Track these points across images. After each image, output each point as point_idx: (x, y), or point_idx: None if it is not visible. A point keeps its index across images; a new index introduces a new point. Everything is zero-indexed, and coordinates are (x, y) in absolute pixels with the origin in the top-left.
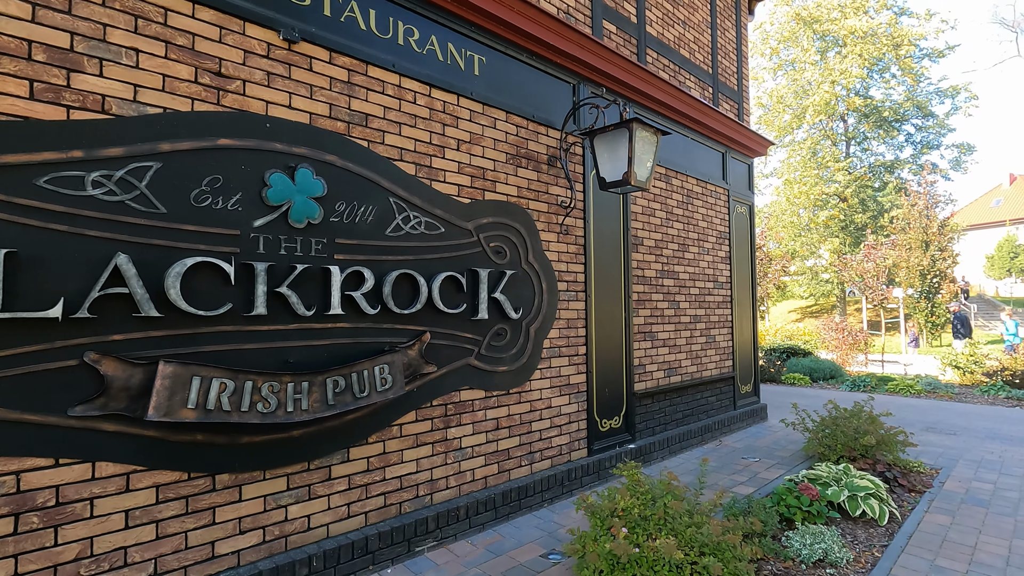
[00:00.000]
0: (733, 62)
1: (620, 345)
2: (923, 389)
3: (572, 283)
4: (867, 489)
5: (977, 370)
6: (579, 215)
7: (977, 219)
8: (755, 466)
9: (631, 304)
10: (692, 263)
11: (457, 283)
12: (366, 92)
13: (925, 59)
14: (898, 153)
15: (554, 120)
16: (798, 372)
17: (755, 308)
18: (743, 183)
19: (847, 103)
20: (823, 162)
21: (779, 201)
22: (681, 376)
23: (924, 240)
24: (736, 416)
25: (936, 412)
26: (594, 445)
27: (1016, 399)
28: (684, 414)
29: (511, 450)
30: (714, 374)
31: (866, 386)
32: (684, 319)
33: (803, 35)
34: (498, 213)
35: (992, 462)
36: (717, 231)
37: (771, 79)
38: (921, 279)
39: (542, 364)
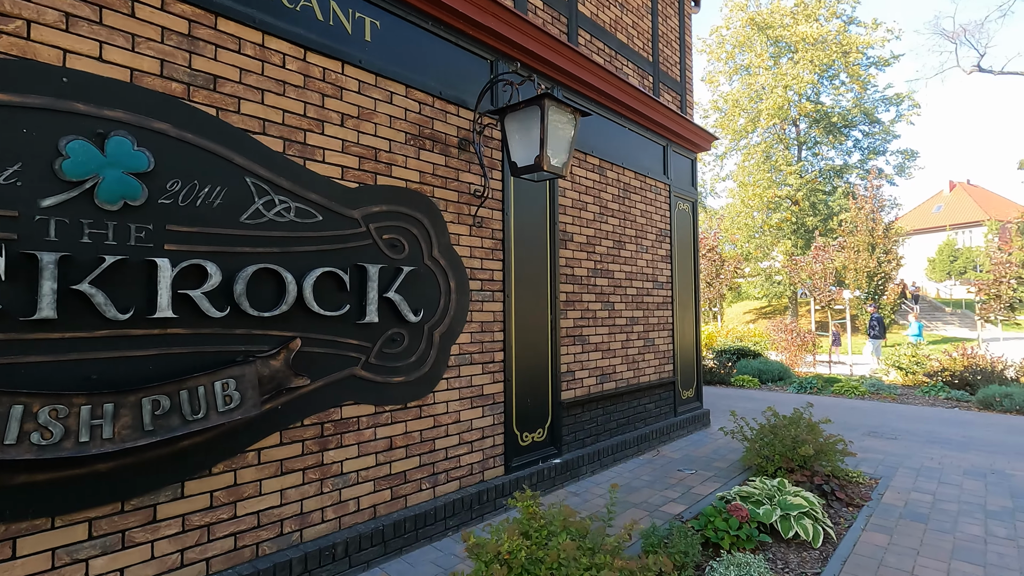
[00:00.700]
0: (675, 52)
1: (545, 350)
2: (867, 391)
3: (487, 282)
4: (800, 507)
5: (919, 371)
6: (496, 206)
7: (920, 224)
8: (690, 479)
9: (558, 305)
10: (629, 261)
11: (338, 281)
12: (215, 49)
13: (872, 67)
14: (847, 158)
15: (467, 99)
16: (748, 374)
17: (698, 309)
18: (686, 179)
19: (799, 108)
20: (776, 165)
21: (734, 203)
22: (616, 383)
23: (871, 243)
24: (677, 423)
25: (879, 415)
26: (513, 462)
27: (955, 400)
28: (619, 423)
29: (409, 472)
30: (653, 379)
31: (812, 388)
32: (620, 321)
33: (757, 40)
34: (395, 201)
35: (932, 469)
36: (657, 228)
37: (727, 83)
38: (868, 280)
39: (449, 373)
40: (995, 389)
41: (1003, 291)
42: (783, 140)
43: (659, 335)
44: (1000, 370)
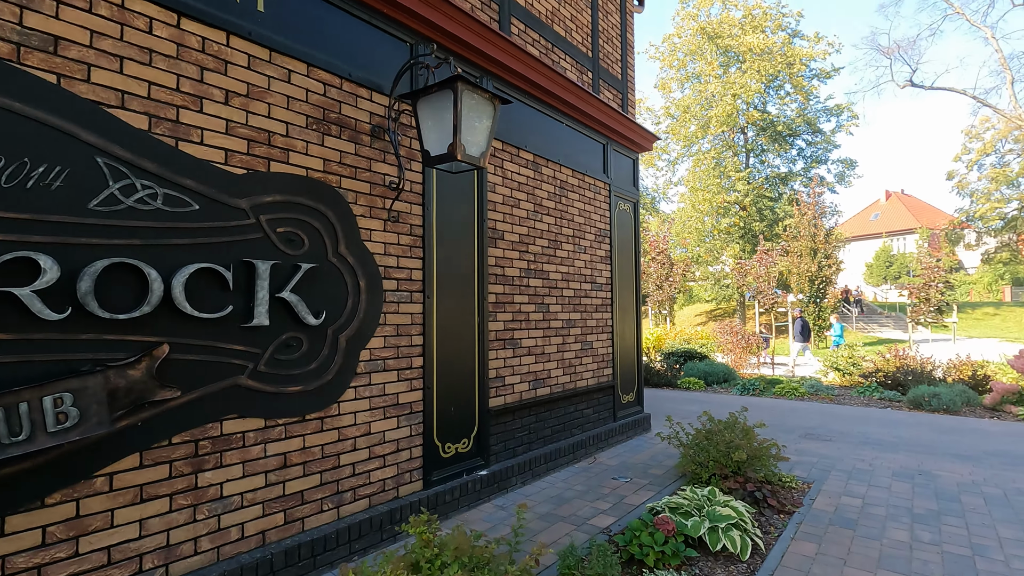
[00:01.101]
0: (617, 49)
1: (472, 355)
2: (806, 392)
3: (405, 281)
4: (729, 518)
5: (855, 372)
6: (415, 200)
7: (859, 231)
8: (624, 488)
9: (487, 307)
10: (566, 262)
11: (219, 279)
12: (54, 5)
13: (814, 79)
14: (791, 166)
15: (382, 83)
16: (694, 376)
17: (639, 312)
18: (627, 178)
19: (747, 116)
20: (725, 172)
21: (686, 208)
22: (551, 388)
23: (812, 248)
24: (616, 429)
25: (816, 416)
26: (433, 475)
27: (888, 400)
28: (554, 430)
29: (307, 492)
30: (591, 384)
31: (755, 389)
32: (555, 324)
33: (708, 49)
34: (292, 191)
35: (863, 472)
36: (596, 228)
37: (679, 90)
38: (810, 284)
39: (358, 381)
40: (924, 389)
41: (932, 295)
42: (732, 147)
43: (598, 338)
44: (929, 371)
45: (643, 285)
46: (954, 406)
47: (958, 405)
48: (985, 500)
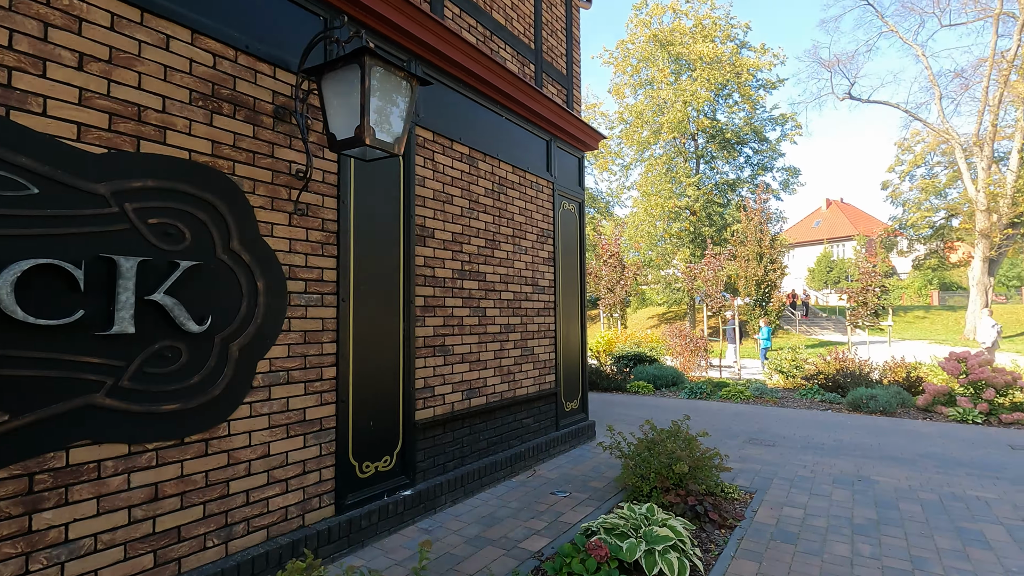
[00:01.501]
0: (562, 43)
1: (395, 364)
2: (752, 395)
3: (315, 283)
4: (667, 540)
5: (798, 374)
6: (329, 191)
7: (802, 237)
8: (562, 504)
9: (414, 311)
10: (505, 263)
11: (66, 278)
12: None
13: (761, 89)
14: (739, 173)
15: (288, 59)
16: (644, 380)
17: (583, 316)
18: (572, 178)
19: (697, 123)
20: (677, 177)
21: (638, 212)
22: (487, 397)
23: (759, 252)
24: (558, 438)
25: (761, 419)
26: (347, 498)
27: (829, 402)
28: (490, 442)
29: (186, 528)
30: (532, 392)
31: (702, 393)
32: (493, 329)
33: (660, 56)
34: (170, 176)
35: (804, 479)
36: (539, 228)
37: (632, 96)
38: (756, 288)
39: (255, 395)
40: (862, 391)
41: (869, 298)
42: (683, 153)
43: (540, 343)
44: (866, 373)
45: (595, 288)
46: (890, 408)
47: (893, 407)
48: (922, 507)
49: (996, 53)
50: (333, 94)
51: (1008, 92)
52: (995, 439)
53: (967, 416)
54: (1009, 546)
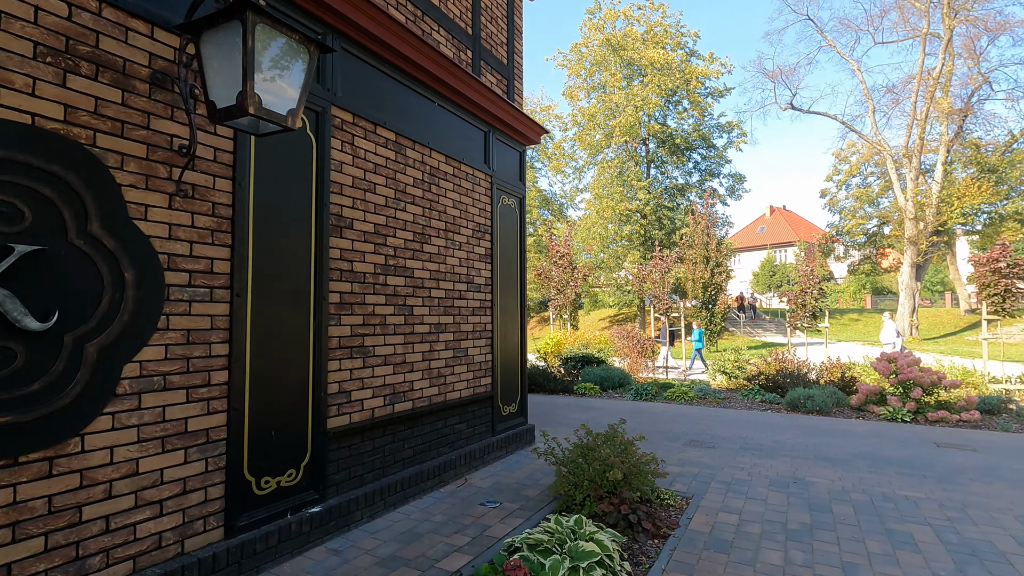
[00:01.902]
0: (502, 31)
1: (304, 367)
2: (696, 396)
3: (202, 274)
4: (593, 555)
5: (741, 375)
6: (223, 171)
7: (748, 242)
8: (491, 516)
9: (327, 309)
10: (436, 259)
11: None
12: None
13: (709, 97)
14: (688, 178)
15: (169, 16)
16: (591, 381)
17: (523, 315)
18: (512, 172)
19: (648, 128)
20: (628, 181)
21: (591, 215)
22: (413, 402)
23: (706, 256)
24: (495, 444)
25: (703, 421)
26: (240, 519)
27: (769, 402)
28: (417, 451)
29: (19, 564)
30: (465, 396)
31: (648, 395)
32: (421, 329)
33: (612, 60)
34: (3, 143)
35: (741, 482)
36: (475, 223)
37: (586, 99)
38: (703, 290)
39: (119, 404)
40: (800, 392)
41: (808, 301)
42: (634, 157)
43: (474, 344)
44: (804, 373)
45: (545, 289)
46: (826, 407)
47: (829, 406)
48: (854, 509)
49: (923, 71)
50: (213, 56)
51: (933, 108)
52: (922, 437)
53: (896, 415)
54: (936, 548)
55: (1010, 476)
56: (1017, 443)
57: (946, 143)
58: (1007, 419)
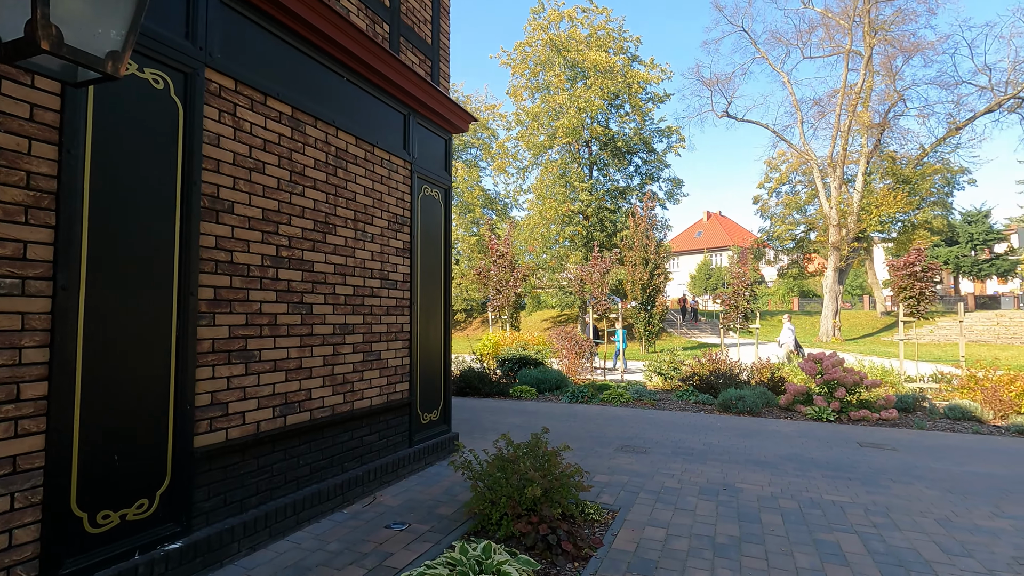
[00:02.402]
0: (427, 7)
1: (164, 375)
2: (631, 398)
3: (10, 262)
4: None
5: (676, 376)
6: (42, 134)
7: (686, 246)
8: (395, 541)
9: (196, 306)
10: (343, 251)
11: None
12: None
13: (650, 102)
14: (629, 181)
15: None
16: (528, 384)
17: (448, 315)
18: (437, 161)
19: (591, 131)
20: (571, 182)
21: (533, 215)
22: (311, 413)
23: (645, 258)
24: (411, 456)
25: (636, 424)
26: (65, 565)
27: (702, 403)
28: (316, 467)
29: None
30: (377, 404)
31: (584, 397)
32: (323, 330)
33: (556, 61)
34: None
35: (671, 491)
36: (391, 214)
37: (530, 99)
38: (642, 292)
39: None
40: (732, 392)
41: (740, 303)
42: (577, 159)
43: (389, 347)
44: (736, 374)
45: (485, 289)
46: (756, 408)
47: (759, 407)
48: (783, 517)
49: (847, 86)
50: None
51: (855, 121)
52: (846, 437)
53: (822, 414)
54: (864, 559)
55: (928, 475)
56: (932, 441)
57: (866, 155)
58: (921, 416)
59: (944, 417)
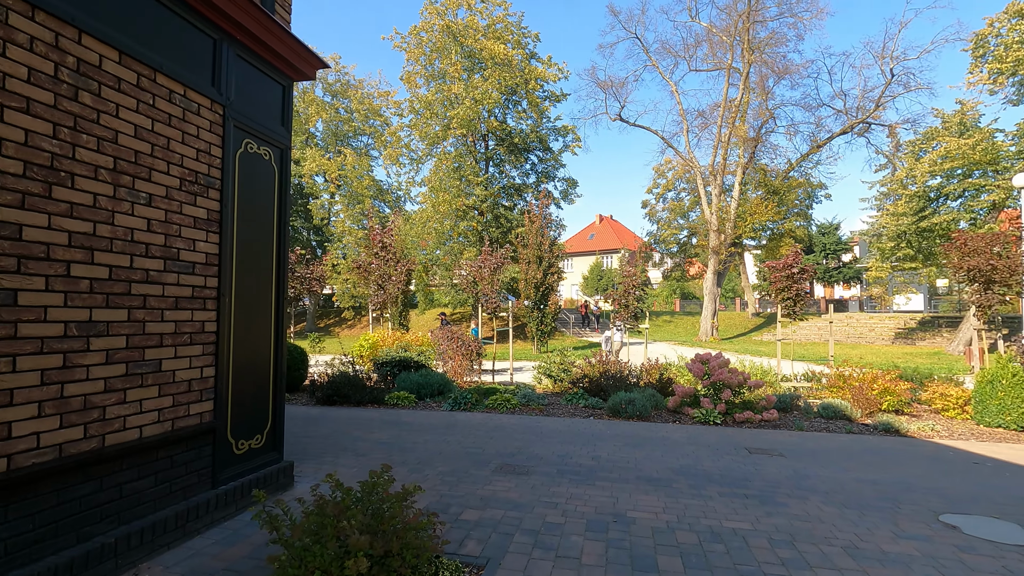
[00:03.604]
0: None
1: None
2: (519, 403)
3: None
4: None
5: (566, 378)
6: None
7: (580, 248)
8: None
9: None
10: (90, 215)
11: None
12: None
13: (547, 100)
14: (525, 179)
15: None
16: (406, 389)
17: (280, 311)
18: (269, 111)
19: (488, 124)
20: (466, 176)
21: (426, 209)
22: (9, 459)
23: (539, 256)
24: (214, 501)
25: (522, 435)
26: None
27: (592, 407)
28: (25, 543)
29: None
30: (152, 434)
31: (467, 403)
32: (41, 331)
33: (452, 49)
34: None
35: (553, 529)
36: (186, 171)
37: (425, 86)
38: (535, 291)
39: None
40: (622, 396)
41: (630, 302)
42: (473, 153)
43: (179, 353)
44: (626, 375)
45: (366, 285)
46: (645, 412)
47: (648, 410)
48: (683, 560)
49: (727, 100)
50: None
51: (734, 134)
52: (734, 442)
53: (709, 417)
54: None
55: (820, 487)
56: (813, 444)
57: (742, 166)
58: (798, 416)
59: (819, 416)
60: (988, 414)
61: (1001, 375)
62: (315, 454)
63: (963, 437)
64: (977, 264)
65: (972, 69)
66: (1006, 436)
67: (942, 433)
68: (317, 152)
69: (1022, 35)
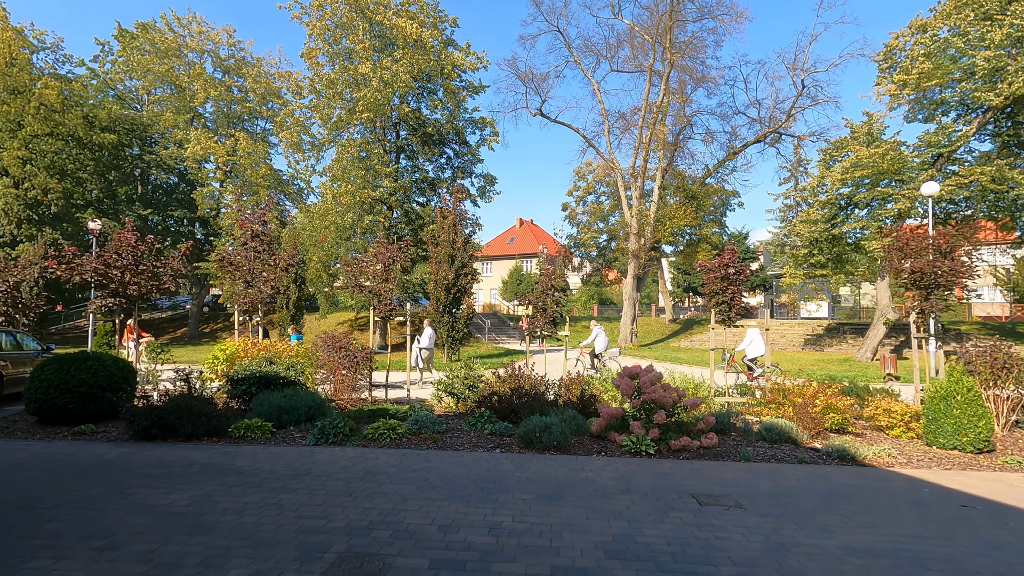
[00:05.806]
0: None
1: None
2: (408, 431)
3: None
4: None
5: (471, 396)
6: None
7: (499, 251)
8: None
9: None
10: None
11: None
12: None
13: (464, 90)
14: (441, 173)
15: None
16: (263, 415)
17: None
18: None
19: (399, 111)
20: (373, 166)
21: (326, 200)
22: None
23: (451, 254)
24: None
25: (396, 488)
26: None
27: (500, 435)
28: None
29: None
30: None
31: (338, 434)
32: None
33: (360, 26)
34: None
35: None
36: None
37: (328, 64)
38: (446, 293)
39: None
40: (536, 421)
41: (548, 304)
42: (382, 141)
43: None
44: (543, 392)
45: (231, 282)
46: (564, 441)
47: (568, 438)
48: None
49: (648, 102)
50: None
51: (655, 136)
52: (676, 485)
53: (640, 445)
54: None
55: (812, 569)
56: (770, 483)
57: (662, 170)
58: (738, 438)
59: (761, 439)
60: (942, 435)
61: (955, 391)
62: (25, 552)
63: (924, 464)
64: (920, 267)
65: (879, 80)
66: (965, 460)
67: (900, 460)
68: (203, 134)
69: (926, 48)
